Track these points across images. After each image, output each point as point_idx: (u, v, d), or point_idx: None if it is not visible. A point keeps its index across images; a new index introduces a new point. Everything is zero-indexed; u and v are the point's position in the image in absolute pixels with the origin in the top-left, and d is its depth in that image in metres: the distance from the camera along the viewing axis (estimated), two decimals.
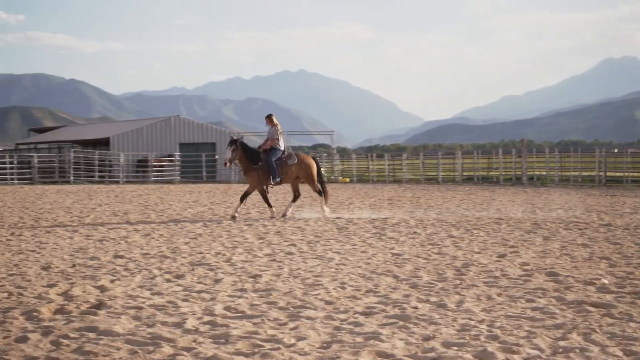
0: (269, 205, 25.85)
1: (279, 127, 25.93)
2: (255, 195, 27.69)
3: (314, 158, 26.98)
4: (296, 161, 26.07)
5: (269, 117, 26.24)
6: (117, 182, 59.51)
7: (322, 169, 27.51)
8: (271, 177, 25.53)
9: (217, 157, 67.06)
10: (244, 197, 25.87)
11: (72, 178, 58.97)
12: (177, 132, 70.11)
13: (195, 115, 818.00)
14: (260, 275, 13.53)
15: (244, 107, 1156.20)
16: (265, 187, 25.89)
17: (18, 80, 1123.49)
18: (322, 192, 26.30)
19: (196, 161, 65.53)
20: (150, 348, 8.59)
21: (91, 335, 9.26)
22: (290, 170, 25.85)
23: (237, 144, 25.46)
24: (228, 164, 25.73)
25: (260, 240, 18.94)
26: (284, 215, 25.64)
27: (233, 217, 24.93)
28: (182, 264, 15.03)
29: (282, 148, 25.92)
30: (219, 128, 75.30)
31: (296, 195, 26.76)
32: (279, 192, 38.05)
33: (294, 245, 17.99)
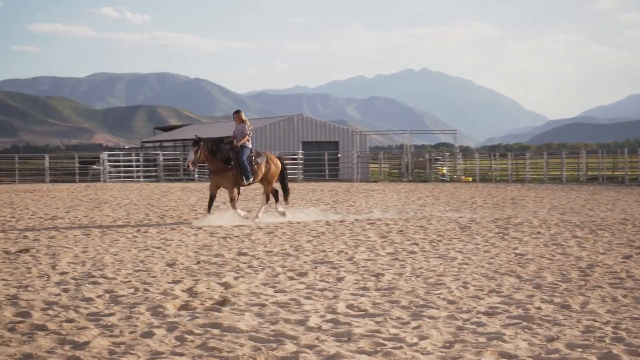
0: (209, 209, 24.19)
1: (249, 123, 24.61)
2: (253, 191, 27.44)
3: (279, 158, 26.18)
4: (265, 160, 24.84)
5: (237, 113, 24.84)
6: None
7: (286, 169, 26.22)
8: (244, 177, 23.97)
9: (339, 155, 67.23)
10: (233, 203, 24.29)
11: (196, 176, 59.72)
12: (300, 131, 70.49)
13: (318, 114, 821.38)
14: (382, 274, 13.51)
15: (366, 105, 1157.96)
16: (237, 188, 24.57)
17: (144, 80, 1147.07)
18: (276, 194, 25.43)
19: (319, 160, 65.62)
20: (273, 345, 8.65)
21: (215, 331, 9.37)
22: (259, 169, 24.51)
23: (199, 145, 23.37)
24: (192, 166, 23.64)
25: (383, 239, 18.92)
26: (256, 216, 24.38)
27: (247, 218, 23.85)
28: (304, 262, 15.11)
29: (250, 146, 24.49)
30: (342, 126, 75.53)
31: (274, 196, 25.42)
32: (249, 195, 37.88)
33: (417, 244, 17.92)
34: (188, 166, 23.60)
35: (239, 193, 25.09)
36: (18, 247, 17.69)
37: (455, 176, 62.41)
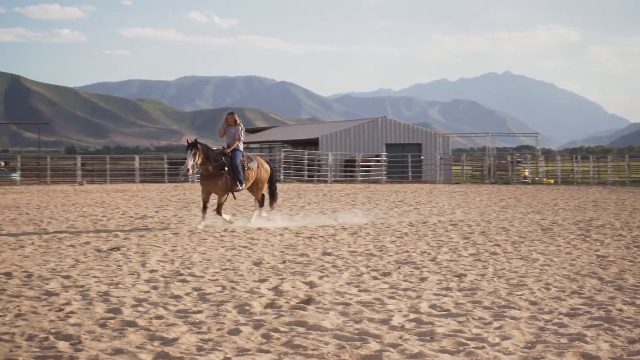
0: (204, 213, 22.75)
1: (242, 126, 23.26)
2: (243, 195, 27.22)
3: (268, 163, 24.65)
4: (257, 165, 23.64)
5: (231, 115, 23.22)
6: (326, 181, 60.16)
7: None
8: (237, 182, 22.69)
9: (422, 157, 67.07)
10: (220, 209, 22.82)
11: (282, 177, 59.93)
12: (384, 133, 70.43)
13: (402, 116, 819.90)
14: (465, 275, 13.44)
15: (449, 108, 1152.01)
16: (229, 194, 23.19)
17: (232, 83, 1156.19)
18: (262, 200, 24.07)
19: (402, 161, 65.53)
20: (357, 344, 8.64)
21: (300, 329, 9.39)
22: (251, 174, 23.31)
23: (198, 147, 21.94)
24: (190, 170, 22.23)
25: (465, 240, 18.81)
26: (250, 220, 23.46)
27: (232, 222, 22.61)
28: (388, 262, 15.08)
29: (242, 150, 23.26)
30: (425, 129, 75.31)
31: (262, 201, 24.17)
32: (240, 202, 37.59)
33: (499, 245, 17.80)
34: (187, 170, 22.18)
35: (234, 198, 24.63)
36: (109, 245, 17.95)
37: (537, 178, 61.87)
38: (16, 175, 57.72)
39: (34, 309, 10.62)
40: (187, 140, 22.37)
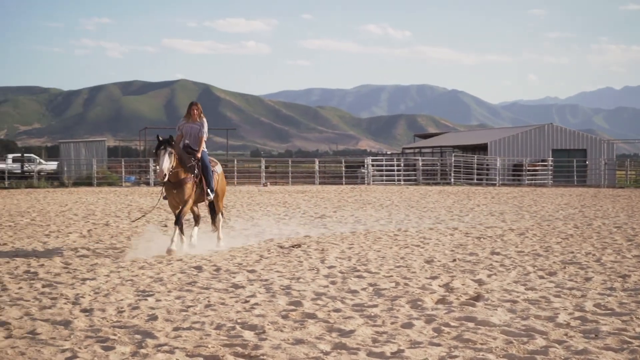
0: (181, 232, 16.48)
1: (205, 122, 16.99)
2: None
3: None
4: (221, 170, 18.04)
5: (196, 106, 16.94)
6: (494, 185, 59.47)
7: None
8: (209, 190, 16.95)
9: (587, 162, 65.67)
10: (179, 223, 16.29)
11: (452, 180, 59.60)
12: (550, 139, 69.19)
13: (567, 123, 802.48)
14: (629, 275, 13.07)
15: (614, 116, 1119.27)
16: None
17: (405, 91, 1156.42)
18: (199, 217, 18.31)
19: (568, 166, 64.34)
20: (524, 339, 8.52)
21: (470, 324, 9.32)
22: (217, 181, 17.51)
23: (172, 146, 15.87)
24: (167, 175, 15.73)
25: (629, 242, 18.27)
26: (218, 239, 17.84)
27: (170, 251, 15.73)
28: (554, 262, 14.81)
29: (206, 150, 17.16)
30: (590, 135, 73.52)
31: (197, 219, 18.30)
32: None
33: None
34: (164, 176, 15.68)
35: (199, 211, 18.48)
36: (291, 242, 18.23)
37: None
38: None
39: (222, 300, 10.89)
40: (159, 137, 16.03)
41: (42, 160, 66.36)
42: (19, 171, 58.00)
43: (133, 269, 14.00)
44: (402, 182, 59.11)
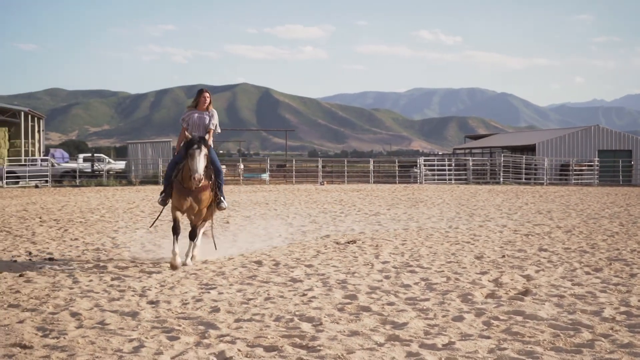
0: (177, 236, 13.60)
1: (215, 113, 14.26)
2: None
3: None
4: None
5: (205, 93, 14.12)
6: (542, 184, 58.96)
7: None
8: (221, 197, 14.20)
9: (632, 162, 64.88)
10: (194, 235, 14.06)
11: (501, 179, 59.21)
12: (597, 140, 68.42)
13: (613, 125, 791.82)
14: None
15: None
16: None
17: (456, 94, 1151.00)
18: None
19: (613, 166, 63.69)
20: (571, 333, 8.47)
21: (518, 318, 9.28)
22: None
23: (207, 146, 13.35)
24: (203, 178, 13.19)
25: None
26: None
27: (174, 267, 13.20)
28: (600, 259, 14.68)
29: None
30: (636, 136, 72.53)
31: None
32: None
33: None
34: (200, 180, 13.05)
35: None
36: (347, 238, 18.26)
37: None
38: (265, 176, 59.58)
39: (281, 294, 10.95)
40: (190, 134, 13.54)
41: (111, 160, 67.28)
42: (89, 170, 58.64)
43: (196, 263, 14.14)
44: (453, 181, 58.82)
